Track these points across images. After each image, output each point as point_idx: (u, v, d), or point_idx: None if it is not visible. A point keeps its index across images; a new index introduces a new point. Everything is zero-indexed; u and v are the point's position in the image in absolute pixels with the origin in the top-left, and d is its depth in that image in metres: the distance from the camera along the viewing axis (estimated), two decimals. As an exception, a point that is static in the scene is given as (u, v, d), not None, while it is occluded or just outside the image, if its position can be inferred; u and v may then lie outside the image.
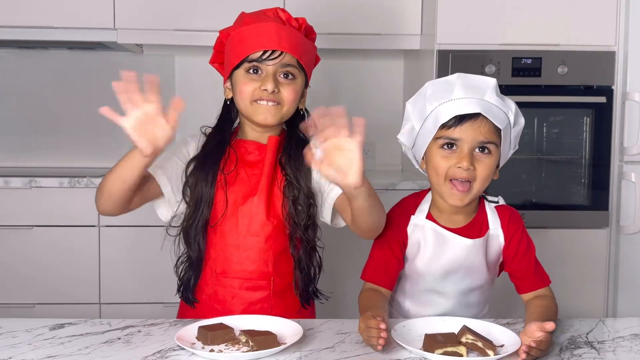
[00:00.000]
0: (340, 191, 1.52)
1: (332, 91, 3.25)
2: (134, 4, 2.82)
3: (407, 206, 1.53)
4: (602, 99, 2.65)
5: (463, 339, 1.20)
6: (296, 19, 1.60)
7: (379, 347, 1.20)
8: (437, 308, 1.50)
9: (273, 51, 1.53)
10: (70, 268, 2.64)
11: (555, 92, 2.65)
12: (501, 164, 1.49)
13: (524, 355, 1.16)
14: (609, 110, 2.65)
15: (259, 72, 1.54)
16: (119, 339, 1.27)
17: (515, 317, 1.44)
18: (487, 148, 1.41)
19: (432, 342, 1.18)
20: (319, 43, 1.93)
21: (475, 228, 1.48)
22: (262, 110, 1.54)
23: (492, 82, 1.43)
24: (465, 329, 1.22)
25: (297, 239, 1.56)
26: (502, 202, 1.53)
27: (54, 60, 3.16)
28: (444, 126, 1.41)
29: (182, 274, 1.60)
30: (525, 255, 1.48)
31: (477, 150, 1.41)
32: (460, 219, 1.49)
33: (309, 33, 1.64)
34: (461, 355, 1.17)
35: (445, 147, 1.42)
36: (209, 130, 1.63)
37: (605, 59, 2.65)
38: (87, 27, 2.80)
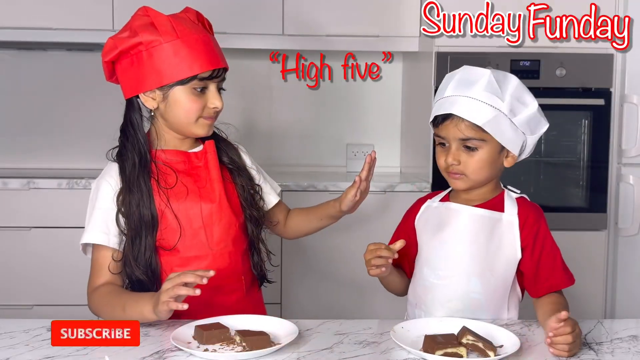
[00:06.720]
0: (275, 201, 1.69)
1: (331, 93, 3.25)
2: (133, 5, 2.78)
3: (424, 197, 1.58)
4: (601, 102, 2.65)
5: (463, 340, 1.20)
6: (208, 22, 1.59)
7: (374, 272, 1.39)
8: (437, 292, 1.45)
9: (220, 69, 1.53)
10: (68, 269, 2.63)
11: (554, 95, 2.65)
12: (515, 151, 1.44)
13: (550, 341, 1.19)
14: (607, 113, 2.65)
15: (204, 89, 1.53)
16: (118, 339, 1.27)
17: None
18: (470, 145, 1.43)
19: (432, 343, 1.18)
20: (318, 44, 1.95)
21: (488, 208, 1.48)
22: (205, 124, 1.55)
23: (484, 74, 1.42)
24: (466, 330, 1.22)
25: (250, 218, 1.60)
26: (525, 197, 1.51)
27: (53, 61, 3.15)
28: (434, 124, 1.48)
29: None
30: (544, 252, 1.43)
31: (463, 146, 1.44)
32: (474, 198, 1.49)
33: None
34: (461, 356, 1.17)
35: (440, 145, 1.48)
36: (115, 151, 1.58)
37: (603, 62, 2.65)
38: (86, 28, 2.79)
